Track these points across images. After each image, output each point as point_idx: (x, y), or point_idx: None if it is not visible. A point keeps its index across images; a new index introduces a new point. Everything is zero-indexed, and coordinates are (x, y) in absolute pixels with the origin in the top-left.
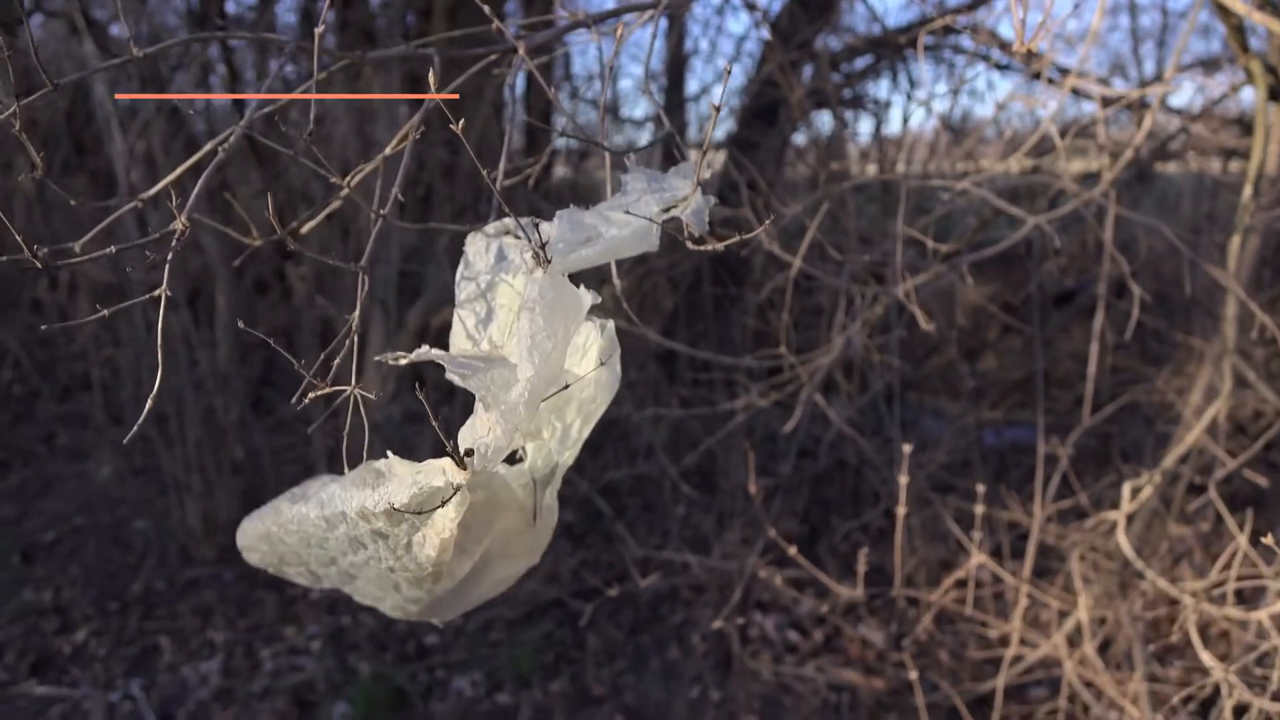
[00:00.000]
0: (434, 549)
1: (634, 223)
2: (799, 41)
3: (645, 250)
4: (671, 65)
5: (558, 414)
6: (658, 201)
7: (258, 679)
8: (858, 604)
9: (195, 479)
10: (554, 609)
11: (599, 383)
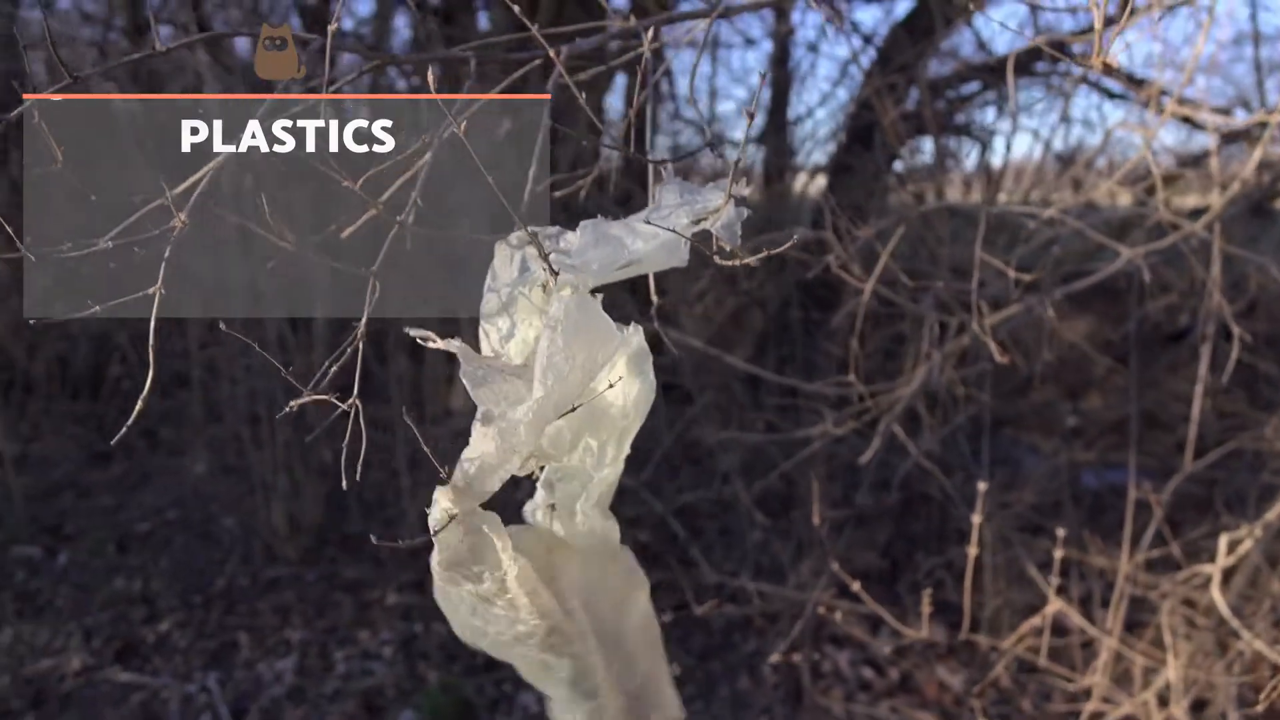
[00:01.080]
0: (524, 593)
1: (661, 235)
2: (899, 64)
3: (674, 265)
4: (775, 87)
5: (591, 432)
6: (688, 214)
7: (329, 680)
8: (937, 644)
9: (282, 480)
10: None
11: (631, 396)
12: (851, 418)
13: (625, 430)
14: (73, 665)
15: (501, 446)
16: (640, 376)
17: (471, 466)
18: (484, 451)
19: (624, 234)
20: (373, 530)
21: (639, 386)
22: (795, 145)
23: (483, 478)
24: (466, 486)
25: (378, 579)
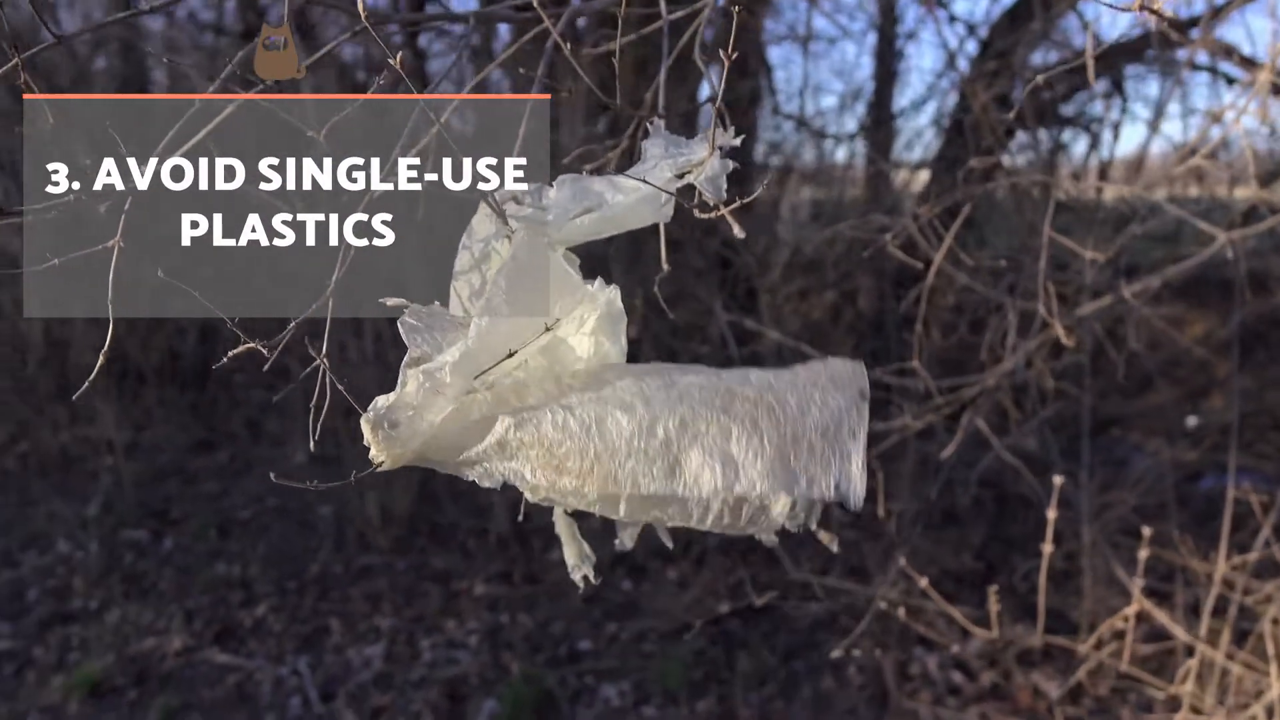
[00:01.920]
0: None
1: (642, 189)
2: (996, 52)
3: (657, 220)
4: (878, 81)
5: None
6: (672, 167)
7: (416, 668)
8: (1033, 650)
9: (375, 472)
10: (709, 626)
11: (600, 358)
12: (931, 411)
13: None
14: (174, 645)
15: (424, 388)
16: (611, 339)
17: (384, 403)
18: (405, 392)
19: (604, 188)
20: (462, 521)
21: (609, 348)
22: (898, 139)
23: (396, 415)
24: (382, 425)
25: (466, 569)
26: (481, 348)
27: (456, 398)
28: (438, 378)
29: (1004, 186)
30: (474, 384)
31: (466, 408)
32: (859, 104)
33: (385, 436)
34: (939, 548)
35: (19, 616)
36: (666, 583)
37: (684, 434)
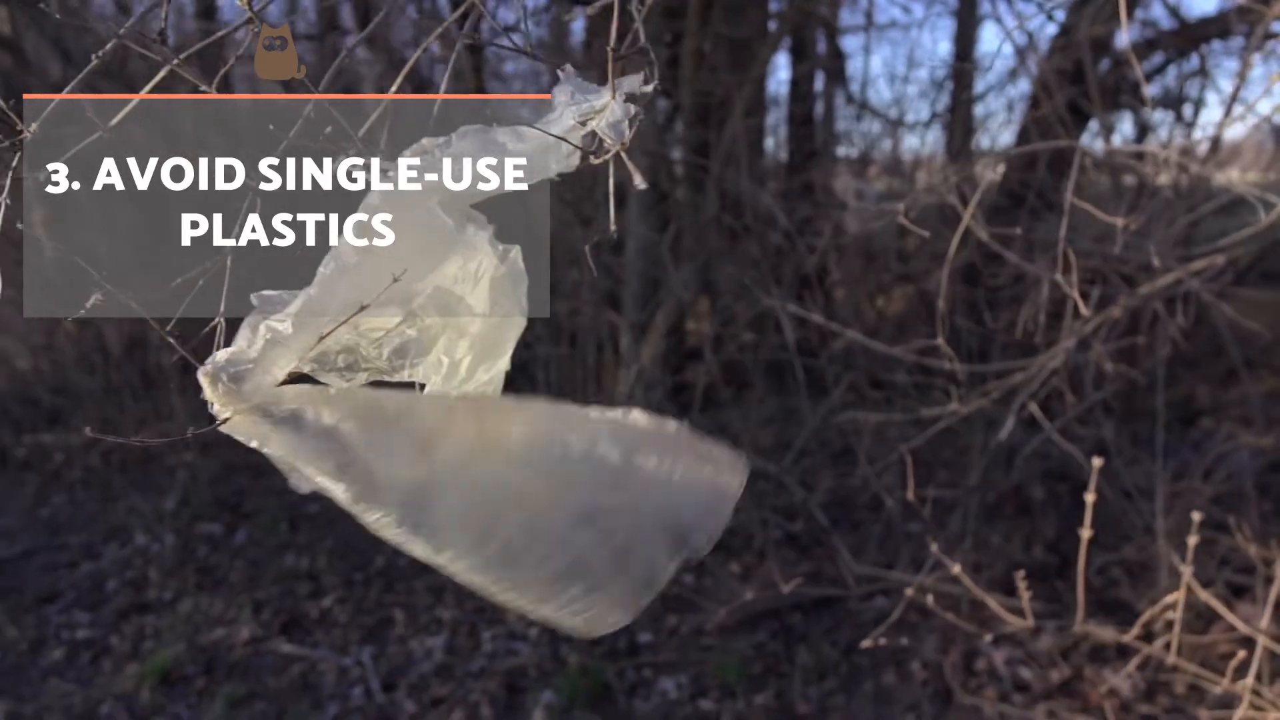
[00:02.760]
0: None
1: (543, 138)
2: (1062, 36)
3: (562, 170)
4: (957, 65)
5: (447, 350)
6: (575, 114)
7: (476, 659)
8: (1106, 646)
9: None
10: (769, 619)
11: (498, 317)
12: (981, 397)
13: (486, 351)
14: (242, 635)
15: (265, 342)
16: (511, 300)
17: (223, 356)
18: (241, 347)
19: (508, 139)
20: None
21: (508, 310)
22: (977, 125)
23: (236, 368)
24: (221, 380)
25: None
26: (328, 296)
27: (303, 352)
28: (279, 329)
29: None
30: (338, 344)
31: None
32: (937, 92)
33: (225, 390)
34: (1008, 541)
35: (98, 606)
36: (728, 576)
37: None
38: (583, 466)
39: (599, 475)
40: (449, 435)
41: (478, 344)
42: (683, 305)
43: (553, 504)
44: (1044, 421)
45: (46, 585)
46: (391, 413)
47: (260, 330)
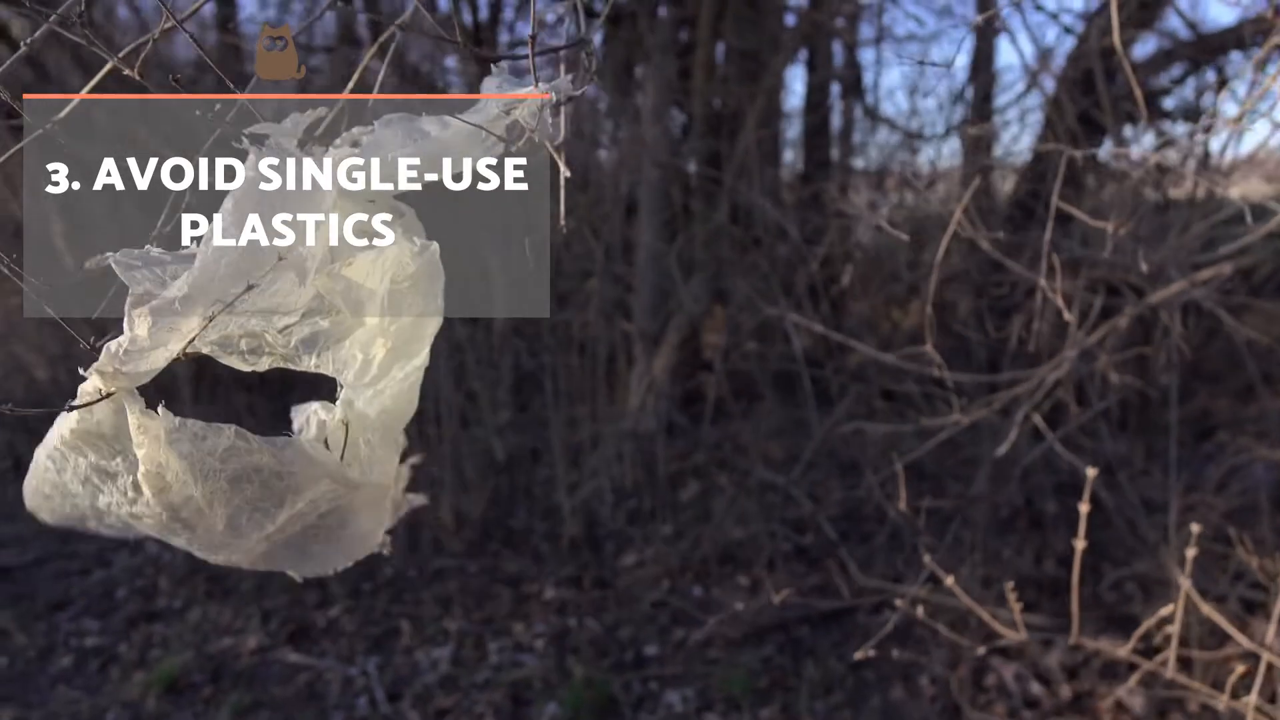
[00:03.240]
0: (149, 488)
1: (466, 127)
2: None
3: (483, 157)
4: (977, 78)
5: (362, 346)
6: (500, 104)
7: (481, 670)
8: (1118, 661)
9: (449, 475)
10: (776, 632)
11: (410, 315)
12: (984, 407)
13: (400, 349)
14: (249, 644)
15: (154, 327)
16: (427, 298)
17: (119, 348)
18: (135, 335)
19: (433, 127)
20: (534, 525)
21: (423, 308)
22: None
23: (133, 361)
24: (114, 372)
25: (537, 573)
26: (210, 279)
27: (190, 334)
28: (165, 312)
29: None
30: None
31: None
32: (954, 105)
33: (114, 376)
34: (1019, 555)
35: (108, 614)
36: (738, 589)
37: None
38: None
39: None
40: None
41: (392, 340)
42: (694, 317)
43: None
44: (1047, 432)
45: (58, 592)
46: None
47: (147, 315)
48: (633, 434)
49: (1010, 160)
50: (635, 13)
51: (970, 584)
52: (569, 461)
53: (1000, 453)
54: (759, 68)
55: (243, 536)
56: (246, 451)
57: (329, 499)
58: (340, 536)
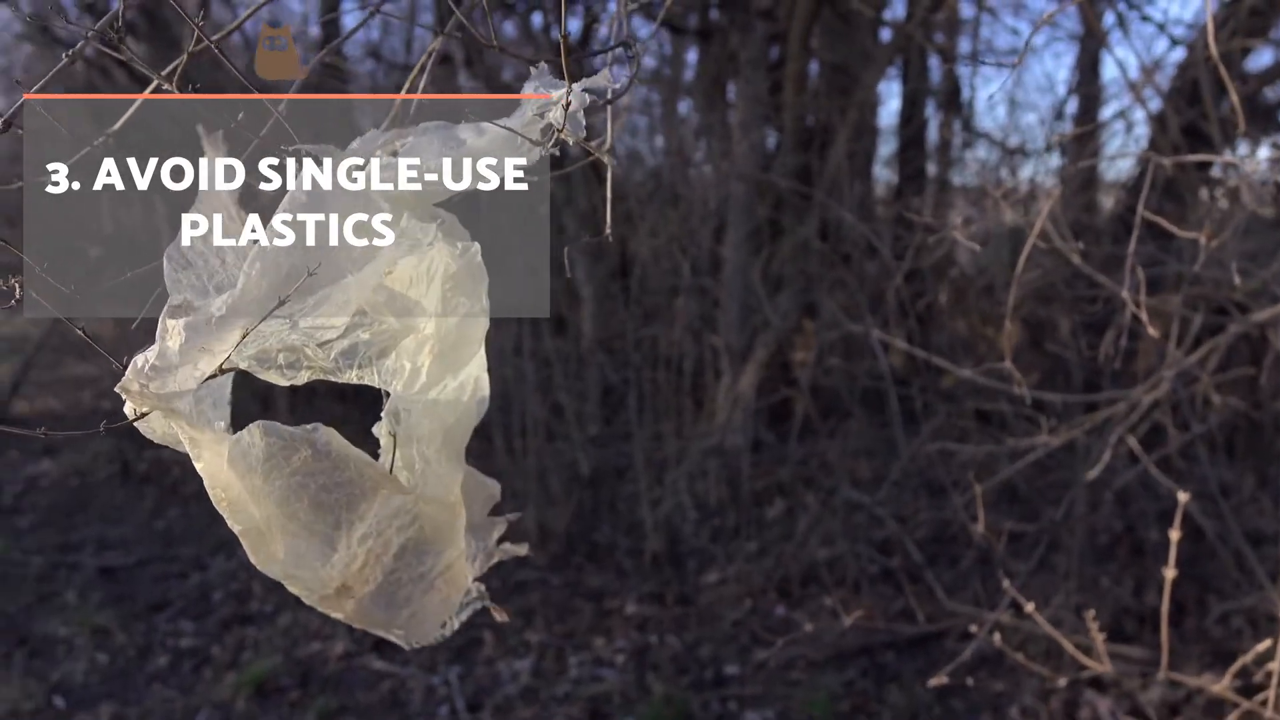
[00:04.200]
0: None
1: (502, 133)
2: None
3: (522, 164)
4: (1082, 90)
5: (409, 355)
6: (534, 108)
7: (561, 683)
8: (1224, 700)
9: (535, 488)
10: (860, 656)
11: (455, 319)
12: (1075, 428)
13: (445, 355)
14: (336, 650)
15: (186, 344)
16: (471, 299)
17: (145, 364)
18: (165, 348)
19: (469, 135)
20: (617, 540)
21: (468, 309)
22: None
23: (160, 378)
24: (141, 388)
25: (619, 588)
26: (251, 298)
27: (226, 352)
28: (200, 330)
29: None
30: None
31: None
32: (1056, 120)
33: (142, 395)
34: (1118, 584)
35: (203, 617)
36: (821, 610)
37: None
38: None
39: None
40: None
41: (437, 347)
42: (781, 333)
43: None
44: (1142, 455)
45: (157, 594)
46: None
47: (180, 332)
48: (718, 450)
49: (1115, 177)
50: (726, 28)
51: (1064, 613)
52: (653, 477)
53: (1091, 476)
54: (851, 82)
55: (307, 567)
56: (286, 455)
57: (395, 524)
58: (424, 579)
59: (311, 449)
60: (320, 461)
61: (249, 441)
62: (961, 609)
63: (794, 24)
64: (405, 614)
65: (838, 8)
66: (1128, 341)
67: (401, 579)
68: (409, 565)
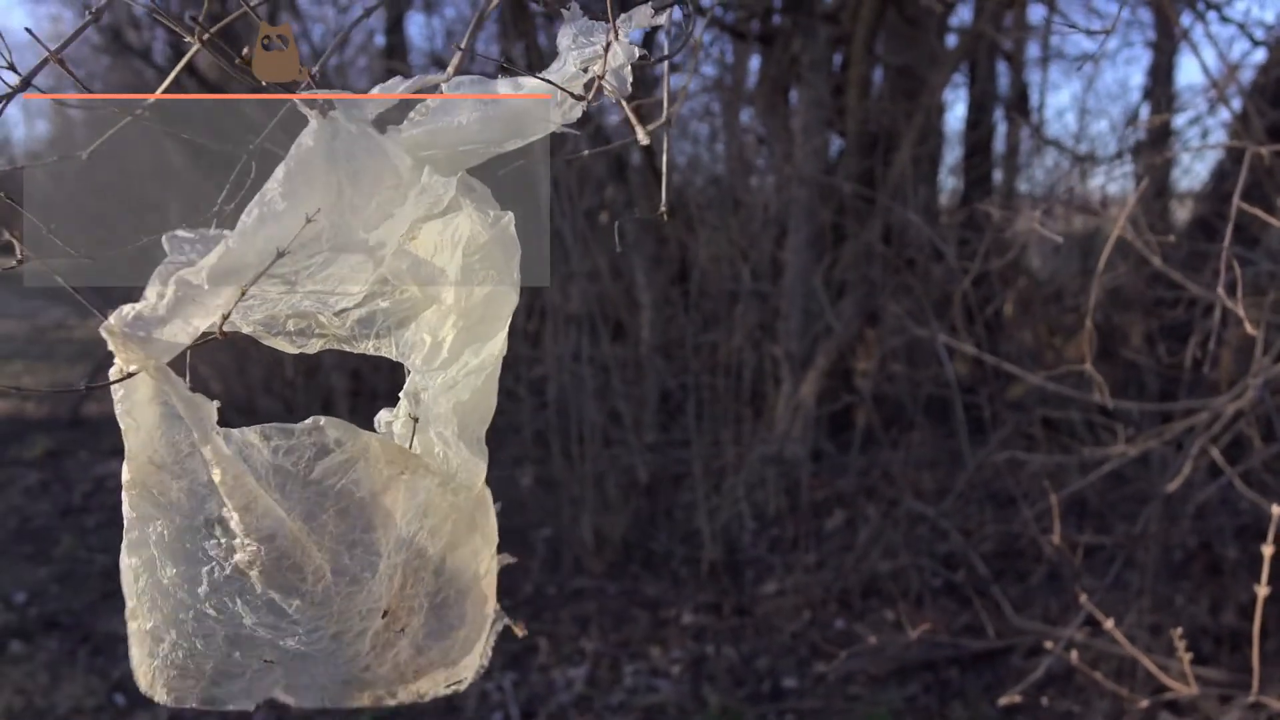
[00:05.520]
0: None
1: (541, 86)
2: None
3: (563, 122)
4: (1154, 97)
5: (430, 328)
6: (577, 59)
7: (616, 693)
8: None
9: (591, 495)
10: (923, 671)
11: (480, 291)
12: (1154, 437)
13: (470, 329)
14: None
15: (176, 296)
16: (502, 271)
17: (129, 311)
18: (154, 299)
19: (507, 89)
20: (674, 548)
21: (498, 281)
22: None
23: (146, 327)
24: (124, 335)
25: (676, 597)
26: (247, 247)
27: (221, 309)
28: (191, 282)
29: None
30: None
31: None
32: (1128, 126)
33: (126, 342)
34: (1194, 602)
35: None
36: (883, 624)
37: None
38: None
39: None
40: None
41: (461, 320)
42: (843, 340)
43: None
44: (1226, 467)
45: None
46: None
47: (171, 283)
48: (777, 459)
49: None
50: (789, 33)
51: (1137, 631)
52: (711, 485)
53: (1171, 489)
54: (916, 86)
55: (360, 584)
56: (299, 452)
57: (426, 525)
58: (465, 593)
59: (318, 447)
60: (333, 458)
61: (244, 441)
62: (1031, 625)
63: (858, 28)
64: (459, 638)
65: (903, 11)
66: (1205, 348)
67: (449, 597)
68: (450, 578)
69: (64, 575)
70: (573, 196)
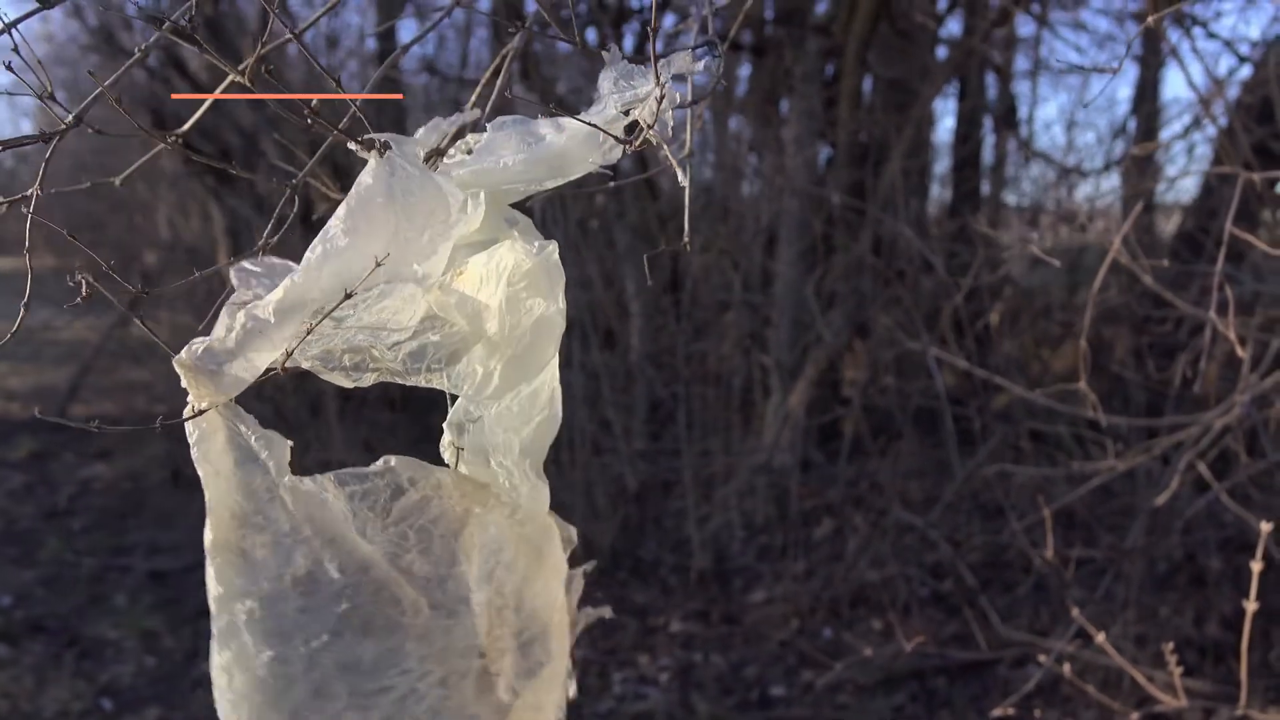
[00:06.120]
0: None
1: (583, 129)
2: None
3: (602, 163)
4: (1140, 110)
5: (480, 360)
6: (618, 102)
7: (604, 700)
8: None
9: (580, 502)
10: (910, 681)
11: (530, 318)
12: (1142, 452)
13: (517, 360)
14: None
15: (244, 330)
16: (546, 298)
17: (199, 347)
18: (221, 334)
19: (548, 130)
20: (663, 556)
21: (543, 308)
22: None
23: (214, 361)
24: (199, 369)
25: (664, 605)
26: (312, 284)
27: (286, 344)
28: (259, 316)
29: None
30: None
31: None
32: (1115, 139)
33: (197, 376)
34: (1179, 614)
35: None
36: (871, 633)
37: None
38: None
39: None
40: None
41: (510, 349)
42: (833, 350)
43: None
44: (1213, 482)
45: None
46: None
47: (239, 319)
48: (766, 468)
49: (1174, 199)
50: (781, 44)
51: (1123, 643)
52: (700, 494)
53: (1160, 502)
54: (907, 98)
55: (457, 618)
56: (375, 495)
57: (501, 560)
58: (541, 632)
59: (393, 487)
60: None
61: (319, 487)
62: (1018, 636)
63: (850, 40)
64: (545, 676)
65: (895, 24)
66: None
67: (534, 635)
68: (531, 615)
69: (50, 578)
70: (564, 204)
